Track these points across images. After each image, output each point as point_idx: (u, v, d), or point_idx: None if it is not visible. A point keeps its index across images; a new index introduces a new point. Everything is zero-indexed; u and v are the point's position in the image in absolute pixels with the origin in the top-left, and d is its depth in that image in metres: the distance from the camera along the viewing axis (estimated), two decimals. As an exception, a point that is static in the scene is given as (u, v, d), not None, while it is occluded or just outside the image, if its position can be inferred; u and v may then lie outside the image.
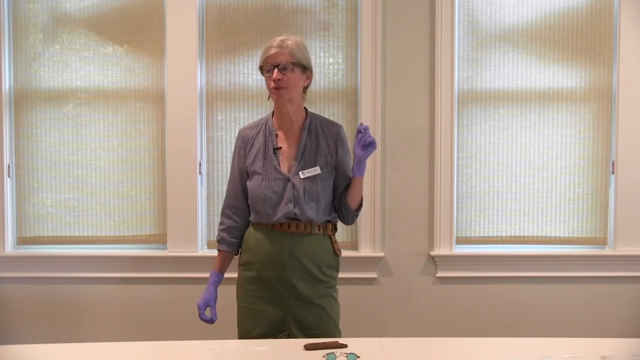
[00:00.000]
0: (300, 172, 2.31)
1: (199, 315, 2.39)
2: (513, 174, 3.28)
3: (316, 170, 2.32)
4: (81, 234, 3.29)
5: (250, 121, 3.26)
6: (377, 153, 3.18)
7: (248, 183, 2.37)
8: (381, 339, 2.04)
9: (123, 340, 2.27)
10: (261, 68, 2.33)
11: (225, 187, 2.44)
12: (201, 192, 3.26)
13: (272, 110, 2.43)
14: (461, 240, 3.28)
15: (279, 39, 2.31)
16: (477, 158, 3.27)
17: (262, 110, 3.22)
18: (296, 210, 2.29)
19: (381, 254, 3.24)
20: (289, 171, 2.33)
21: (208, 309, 2.40)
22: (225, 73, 3.25)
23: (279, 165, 2.33)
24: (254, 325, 2.33)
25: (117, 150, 3.27)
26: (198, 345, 2.04)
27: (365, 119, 3.19)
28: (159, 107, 3.26)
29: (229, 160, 3.23)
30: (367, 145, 2.25)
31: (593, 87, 3.25)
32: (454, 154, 3.23)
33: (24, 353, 1.98)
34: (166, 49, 3.22)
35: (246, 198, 2.40)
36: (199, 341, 2.06)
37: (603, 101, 3.25)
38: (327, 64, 3.24)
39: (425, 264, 3.27)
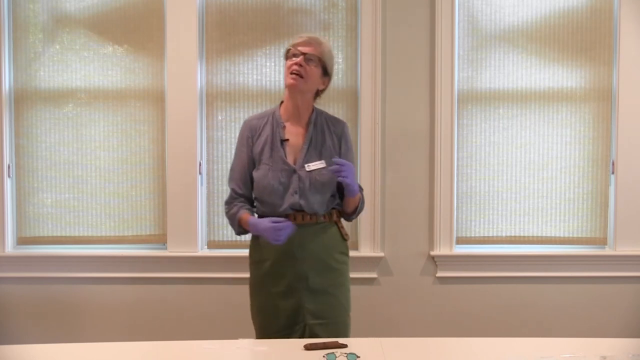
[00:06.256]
0: (305, 165, 2.34)
1: (281, 228, 2.20)
2: (513, 174, 3.28)
3: (321, 164, 2.35)
4: (81, 234, 3.28)
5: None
6: (377, 153, 3.19)
7: (254, 173, 2.38)
8: (381, 339, 2.03)
9: (123, 340, 2.26)
10: (287, 53, 2.37)
11: (225, 187, 2.44)
12: (201, 192, 3.26)
13: (280, 102, 2.47)
14: (461, 240, 3.28)
15: (312, 34, 2.42)
16: (477, 158, 3.27)
17: (262, 110, 3.21)
18: (301, 202, 2.32)
19: (381, 254, 3.23)
20: (294, 163, 2.36)
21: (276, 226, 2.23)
22: (225, 73, 3.25)
23: (285, 156, 2.35)
24: (271, 321, 2.34)
25: (117, 150, 3.27)
26: (198, 345, 2.03)
27: (365, 119, 3.19)
28: (159, 107, 3.26)
29: (230, 160, 3.24)
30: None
31: (593, 87, 3.25)
32: (454, 153, 3.23)
33: (24, 353, 1.98)
34: (166, 49, 3.21)
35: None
36: (199, 341, 2.06)
37: (603, 101, 3.25)
38: (327, 64, 3.24)
39: (425, 264, 3.27)
